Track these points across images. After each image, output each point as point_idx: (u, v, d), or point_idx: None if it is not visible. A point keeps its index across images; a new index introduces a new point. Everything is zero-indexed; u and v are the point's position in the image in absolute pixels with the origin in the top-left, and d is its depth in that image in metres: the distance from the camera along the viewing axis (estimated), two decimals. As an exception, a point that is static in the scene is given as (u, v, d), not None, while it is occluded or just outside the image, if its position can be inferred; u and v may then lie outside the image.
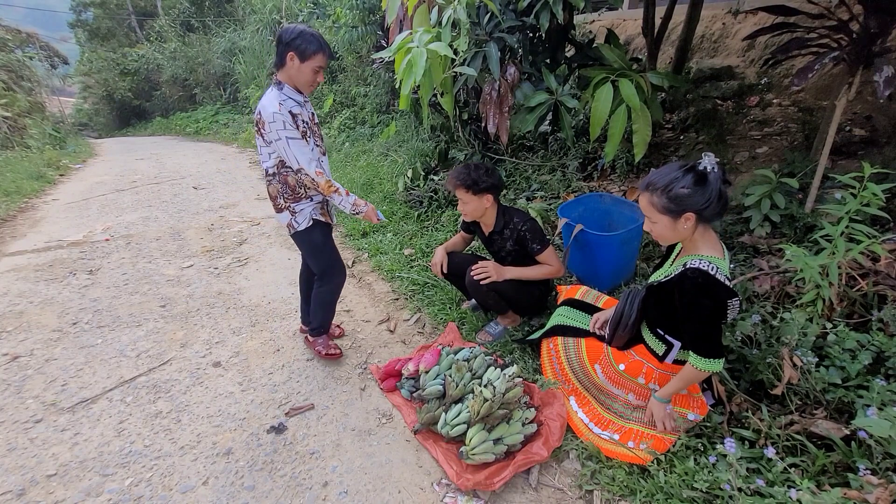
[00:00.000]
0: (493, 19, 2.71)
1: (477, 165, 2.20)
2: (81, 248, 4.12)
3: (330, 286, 2.28)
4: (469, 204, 2.22)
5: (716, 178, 1.42)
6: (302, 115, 1.93)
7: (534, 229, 2.22)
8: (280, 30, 1.89)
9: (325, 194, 1.99)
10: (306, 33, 1.84)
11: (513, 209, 2.32)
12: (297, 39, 1.83)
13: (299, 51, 1.83)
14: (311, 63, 1.87)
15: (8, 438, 2.00)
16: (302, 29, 1.85)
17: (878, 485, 1.30)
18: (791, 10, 2.41)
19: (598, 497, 1.59)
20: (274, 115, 1.83)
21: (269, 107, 1.85)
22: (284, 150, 1.89)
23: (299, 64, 1.86)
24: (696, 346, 1.54)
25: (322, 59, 1.89)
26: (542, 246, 2.21)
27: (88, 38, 19.86)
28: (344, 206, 2.05)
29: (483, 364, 2.05)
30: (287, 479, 1.76)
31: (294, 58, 1.84)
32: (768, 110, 3.57)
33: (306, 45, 1.83)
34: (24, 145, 8.76)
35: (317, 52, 1.85)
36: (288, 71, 1.88)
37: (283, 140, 1.86)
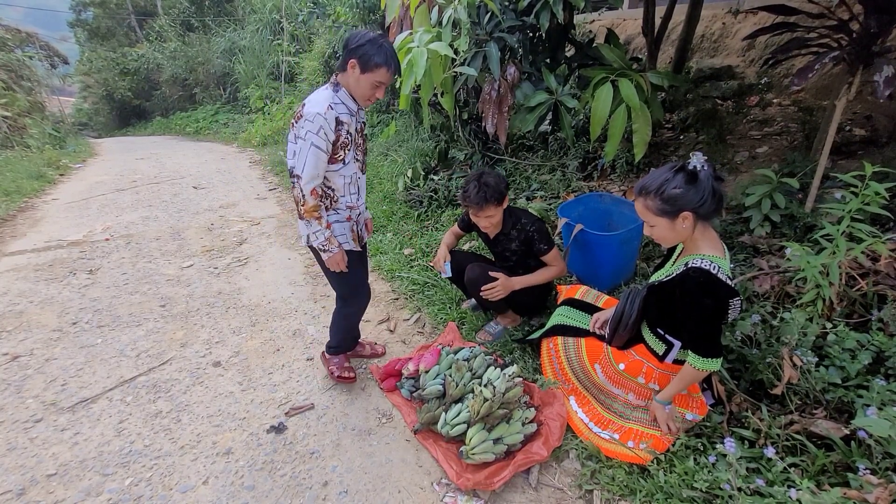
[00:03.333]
0: (493, 19, 2.72)
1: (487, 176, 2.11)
2: (81, 247, 4.12)
3: (352, 309, 2.13)
4: (496, 216, 2.17)
5: (707, 175, 1.42)
6: (349, 126, 1.79)
7: (541, 230, 2.21)
8: (349, 34, 1.74)
9: (303, 215, 1.78)
10: (375, 42, 1.67)
11: (518, 209, 2.31)
12: (363, 47, 1.67)
13: (362, 60, 1.68)
14: (372, 76, 1.70)
15: (8, 438, 2.00)
16: (372, 37, 1.68)
17: (877, 484, 1.31)
18: (791, 9, 2.41)
19: (598, 497, 1.59)
20: (316, 115, 1.67)
21: (315, 106, 1.69)
22: (299, 151, 1.71)
23: (359, 74, 1.70)
24: (695, 345, 1.54)
25: (385, 75, 1.71)
26: (549, 247, 2.20)
27: (88, 38, 19.85)
28: (314, 237, 1.81)
29: (483, 364, 2.04)
30: (287, 479, 1.76)
31: (355, 66, 1.69)
32: (768, 110, 3.57)
33: (370, 56, 1.66)
34: (23, 145, 8.76)
35: (380, 65, 1.68)
36: (347, 78, 1.74)
37: (306, 143, 1.69)
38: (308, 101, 1.73)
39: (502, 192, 2.11)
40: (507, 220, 2.26)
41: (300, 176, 1.72)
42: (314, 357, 2.46)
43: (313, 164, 1.71)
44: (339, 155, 1.80)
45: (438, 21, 2.61)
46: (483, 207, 2.11)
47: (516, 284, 2.21)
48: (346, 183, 1.87)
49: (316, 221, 1.79)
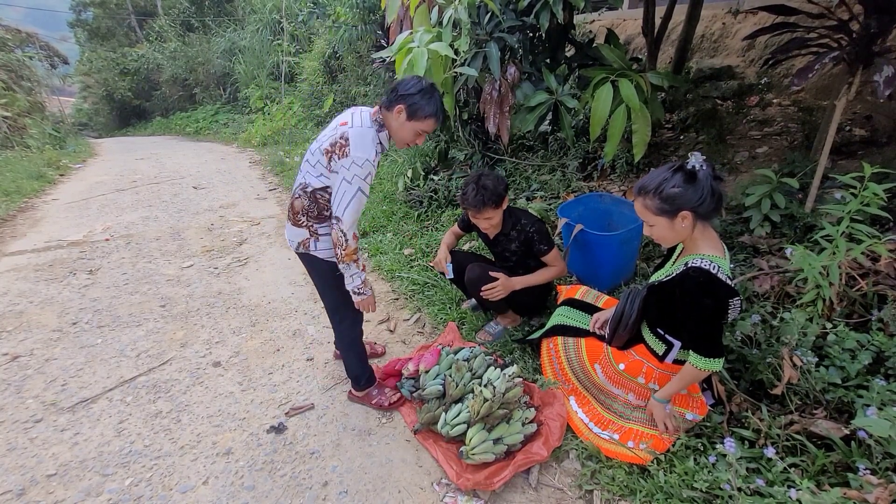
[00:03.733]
0: (493, 19, 2.72)
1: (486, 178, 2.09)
2: (81, 247, 4.12)
3: (349, 320, 1.98)
4: (495, 217, 2.16)
5: (705, 175, 1.43)
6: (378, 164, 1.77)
7: (541, 230, 2.20)
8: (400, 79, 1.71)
9: (343, 259, 1.72)
10: (426, 93, 1.65)
11: (518, 210, 2.30)
12: (414, 96, 1.64)
13: (411, 109, 1.65)
14: (419, 125, 1.68)
15: (8, 438, 2.00)
16: (424, 87, 1.66)
17: (877, 484, 1.31)
18: (791, 9, 2.41)
19: (598, 497, 1.59)
20: (366, 162, 1.61)
21: (364, 150, 1.61)
22: (343, 194, 1.63)
23: (405, 120, 1.67)
24: (696, 345, 1.54)
25: (431, 125, 1.70)
26: (549, 247, 2.20)
27: (88, 38, 19.85)
28: (350, 279, 1.79)
29: (483, 364, 2.04)
30: (287, 479, 1.76)
31: (402, 111, 1.66)
32: (768, 110, 3.58)
33: (421, 106, 1.64)
34: (23, 145, 8.76)
35: (429, 117, 1.67)
36: (391, 120, 1.69)
37: (352, 187, 1.62)
38: (352, 137, 1.62)
39: (501, 194, 2.10)
40: (507, 220, 2.25)
41: (342, 219, 1.65)
42: (314, 357, 2.46)
43: (356, 210, 1.66)
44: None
45: (438, 21, 2.62)
46: (481, 210, 2.10)
47: (517, 284, 2.21)
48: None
49: (354, 265, 1.76)
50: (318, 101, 8.81)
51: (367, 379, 2.07)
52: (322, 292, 1.98)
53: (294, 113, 9.30)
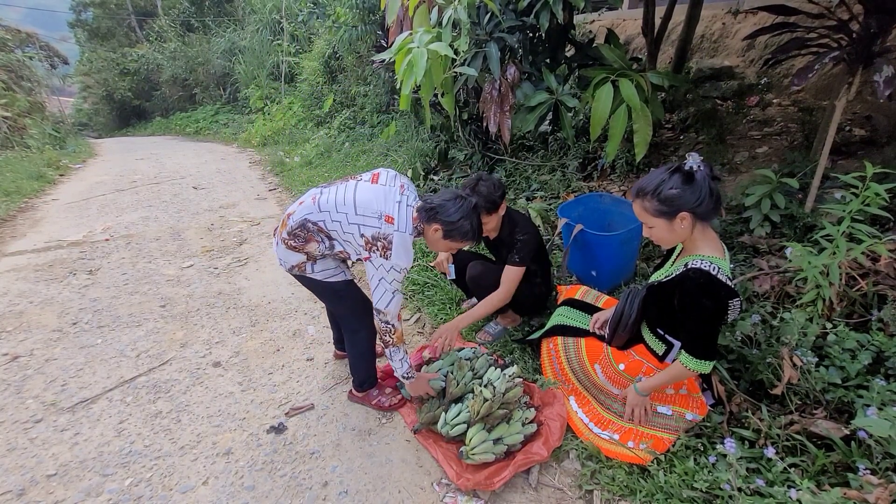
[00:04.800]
0: (493, 19, 2.71)
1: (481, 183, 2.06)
2: (81, 248, 4.12)
3: (365, 331, 1.96)
4: (490, 222, 2.14)
5: (703, 176, 1.42)
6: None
7: (526, 242, 2.13)
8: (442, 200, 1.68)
9: (391, 345, 1.78)
10: (466, 221, 1.66)
11: (519, 215, 2.24)
12: (452, 224, 1.66)
13: (448, 232, 1.68)
14: (453, 244, 1.73)
15: (8, 438, 2.00)
16: (463, 215, 1.66)
17: (877, 485, 1.30)
18: (791, 9, 2.41)
19: (598, 497, 1.59)
20: (403, 269, 1.66)
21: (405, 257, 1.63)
22: (384, 293, 1.68)
23: (440, 238, 1.71)
24: (690, 345, 1.54)
25: (463, 244, 1.75)
26: (520, 261, 2.12)
27: (88, 38, 19.85)
28: (399, 364, 1.84)
29: (485, 364, 2.05)
30: (287, 479, 1.76)
31: (439, 231, 1.68)
32: (768, 110, 3.57)
33: (458, 230, 1.67)
34: (23, 145, 8.76)
35: (465, 238, 1.71)
36: (427, 232, 1.72)
37: (391, 286, 1.67)
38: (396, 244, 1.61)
39: (495, 200, 2.06)
40: (506, 225, 2.23)
41: (385, 312, 1.72)
42: (314, 357, 2.46)
43: (398, 304, 1.74)
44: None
45: (438, 21, 2.61)
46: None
47: (462, 324, 2.18)
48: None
49: (403, 347, 1.83)
50: (318, 102, 8.81)
51: (371, 382, 2.09)
52: (332, 307, 2.03)
53: (294, 113, 9.30)
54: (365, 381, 2.07)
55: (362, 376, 2.06)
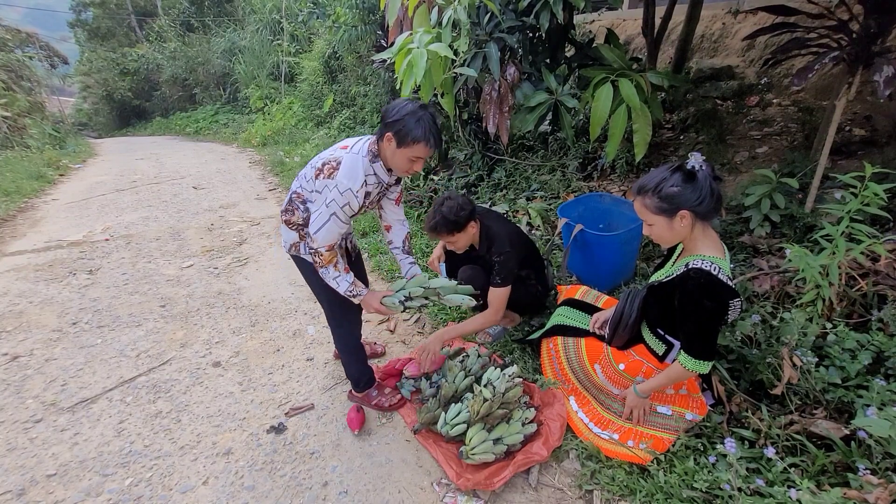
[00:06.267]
0: (493, 19, 2.72)
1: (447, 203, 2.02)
2: (81, 247, 4.12)
3: (347, 324, 1.98)
4: (459, 241, 2.10)
5: (704, 175, 1.43)
6: (374, 194, 1.75)
7: (503, 263, 2.07)
8: (388, 104, 1.63)
9: (323, 265, 1.72)
10: (413, 116, 1.56)
11: (496, 232, 2.13)
12: (400, 121, 1.56)
13: (399, 135, 1.57)
14: (410, 152, 1.59)
15: (8, 438, 2.00)
16: (411, 110, 1.57)
17: (877, 484, 1.31)
18: (791, 9, 2.41)
19: (598, 497, 1.59)
20: (347, 191, 1.60)
21: (351, 176, 1.60)
22: (319, 215, 1.64)
23: (395, 148, 1.60)
24: (689, 345, 1.54)
25: (423, 150, 1.59)
26: (502, 282, 2.07)
27: (88, 38, 19.85)
28: (335, 284, 1.76)
29: (477, 361, 2.05)
30: (287, 479, 1.76)
31: (391, 140, 1.59)
32: (768, 110, 3.57)
33: (408, 131, 1.55)
34: (23, 145, 8.76)
35: (418, 140, 1.56)
36: (384, 150, 1.64)
37: (327, 211, 1.62)
38: (345, 163, 1.62)
39: (458, 221, 2.00)
40: (483, 243, 2.16)
41: (315, 238, 1.67)
42: (314, 357, 2.46)
43: (329, 233, 1.66)
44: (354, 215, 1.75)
45: (438, 22, 2.61)
46: (438, 235, 2.06)
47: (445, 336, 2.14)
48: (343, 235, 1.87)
49: (333, 268, 1.74)
50: (318, 102, 8.81)
51: (366, 381, 2.07)
52: (317, 295, 1.97)
53: (294, 113, 9.30)
54: (360, 379, 2.05)
55: (356, 375, 2.05)
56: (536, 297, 2.41)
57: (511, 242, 2.11)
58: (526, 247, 2.26)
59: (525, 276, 2.27)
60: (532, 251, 2.32)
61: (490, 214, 2.25)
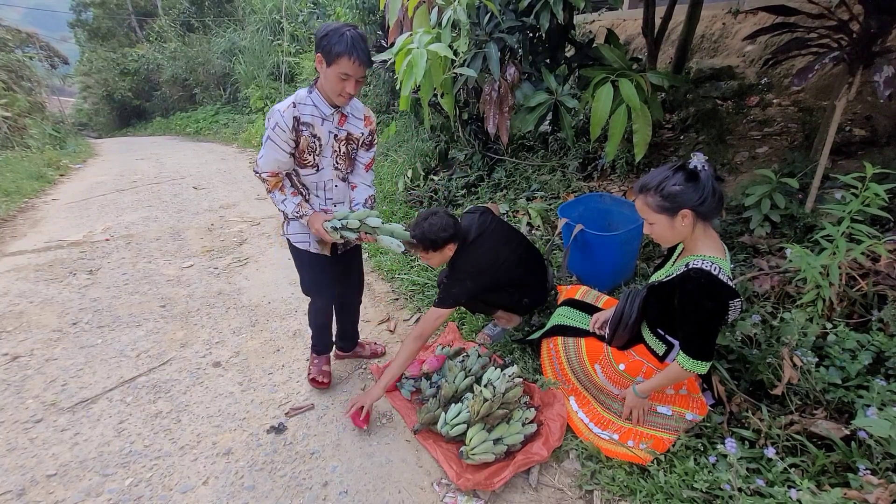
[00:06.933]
0: (493, 20, 2.72)
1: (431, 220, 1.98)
2: (81, 248, 4.12)
3: (315, 306, 2.11)
4: (433, 259, 2.08)
5: (707, 175, 1.44)
6: (316, 129, 1.70)
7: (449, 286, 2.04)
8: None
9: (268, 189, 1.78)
10: (337, 32, 1.54)
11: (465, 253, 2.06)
12: (323, 39, 1.55)
13: (324, 52, 1.55)
14: (336, 68, 1.56)
15: (8, 438, 2.00)
16: (334, 27, 1.55)
17: (878, 485, 1.31)
18: (791, 10, 2.41)
19: (598, 497, 1.59)
20: (274, 112, 1.64)
21: (279, 104, 1.67)
22: (263, 143, 1.71)
23: (325, 68, 1.58)
24: (687, 345, 1.54)
25: (348, 65, 1.55)
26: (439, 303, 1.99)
27: (88, 38, 19.85)
28: (282, 206, 1.80)
29: (477, 361, 2.05)
30: (287, 479, 1.76)
31: (321, 61, 1.58)
32: (768, 110, 3.57)
33: (331, 47, 1.53)
34: (24, 145, 8.76)
35: (341, 55, 1.53)
36: (321, 78, 1.64)
37: (265, 136, 1.68)
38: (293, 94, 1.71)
39: (436, 241, 1.97)
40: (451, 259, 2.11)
41: (258, 164, 1.73)
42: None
43: (267, 158, 1.70)
44: (308, 160, 1.75)
45: (438, 22, 2.61)
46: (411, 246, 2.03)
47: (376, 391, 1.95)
48: (319, 188, 1.85)
49: (279, 192, 1.78)
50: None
51: (320, 348, 2.24)
52: (298, 271, 2.07)
53: (294, 113, 9.27)
54: (317, 344, 2.23)
55: (315, 339, 2.22)
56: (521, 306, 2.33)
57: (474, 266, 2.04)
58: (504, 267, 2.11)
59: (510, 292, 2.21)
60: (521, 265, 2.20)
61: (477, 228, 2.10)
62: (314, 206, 1.87)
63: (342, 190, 1.91)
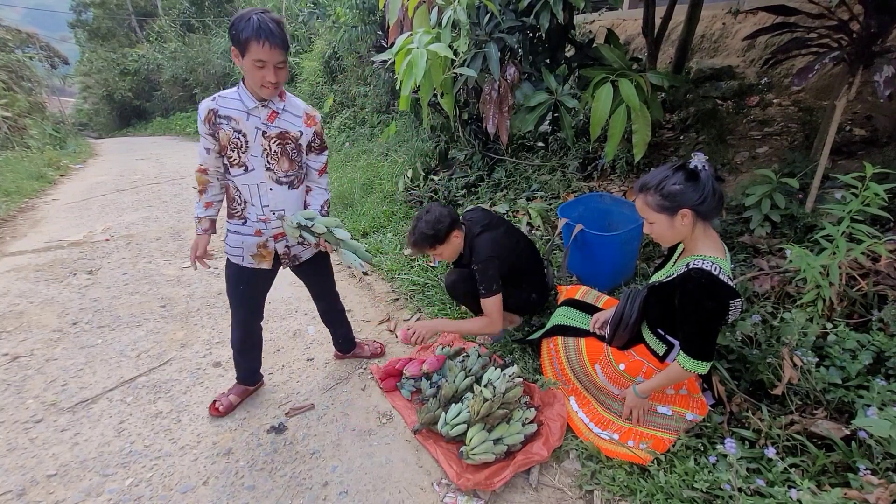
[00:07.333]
0: (492, 20, 2.71)
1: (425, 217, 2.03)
2: (81, 248, 4.12)
3: (235, 321, 1.95)
4: (444, 252, 2.10)
5: (707, 175, 1.44)
6: (239, 124, 1.60)
7: (483, 271, 2.04)
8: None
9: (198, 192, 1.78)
10: (243, 17, 1.44)
11: (479, 242, 2.10)
12: (232, 30, 1.46)
13: (236, 42, 1.46)
14: (249, 57, 1.46)
15: (8, 438, 2.00)
16: (241, 14, 1.45)
17: (878, 485, 1.31)
18: (791, 9, 2.41)
19: (599, 497, 1.59)
20: (200, 104, 1.62)
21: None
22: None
23: (242, 60, 1.50)
24: (687, 345, 1.54)
25: (260, 50, 1.43)
26: (487, 292, 2.03)
27: (88, 38, 19.88)
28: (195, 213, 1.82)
29: (477, 362, 2.05)
30: (287, 479, 1.76)
31: (237, 54, 1.50)
32: (768, 110, 3.57)
33: (240, 34, 1.43)
34: (24, 145, 8.77)
35: (248, 40, 1.42)
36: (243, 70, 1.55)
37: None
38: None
39: (437, 235, 2.01)
40: (467, 249, 2.15)
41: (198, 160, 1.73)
42: (314, 357, 2.46)
43: (200, 150, 1.69)
44: (234, 157, 1.64)
45: (438, 22, 2.61)
46: (423, 250, 2.06)
47: (438, 326, 2.12)
48: (252, 193, 1.70)
49: (199, 196, 1.78)
50: (319, 102, 8.81)
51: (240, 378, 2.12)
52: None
53: (294, 113, 9.28)
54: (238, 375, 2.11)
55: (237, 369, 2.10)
56: (531, 303, 2.36)
57: (493, 249, 2.07)
58: (516, 252, 2.18)
59: (516, 282, 2.22)
60: (527, 256, 2.27)
61: (482, 220, 2.18)
62: (252, 217, 1.73)
63: (280, 196, 1.73)
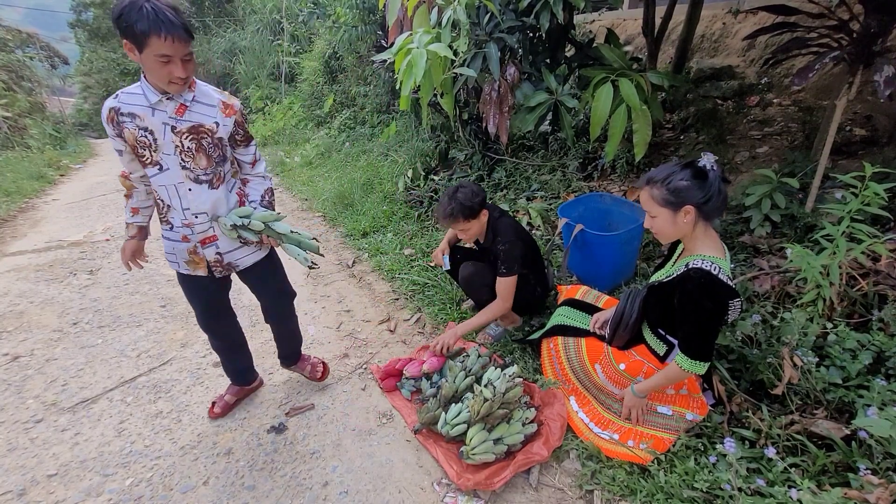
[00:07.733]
0: (492, 19, 2.72)
1: (462, 189, 2.09)
2: (82, 248, 4.12)
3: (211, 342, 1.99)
4: (471, 229, 2.15)
5: (715, 175, 1.45)
6: (144, 121, 1.45)
7: (508, 252, 2.11)
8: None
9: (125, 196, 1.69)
10: (133, 6, 1.26)
11: (502, 225, 2.20)
12: (119, 20, 1.27)
13: (129, 35, 1.28)
14: (149, 52, 1.29)
15: (8, 438, 2.00)
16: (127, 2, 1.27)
17: (878, 484, 1.31)
18: (791, 9, 2.41)
19: (599, 497, 1.59)
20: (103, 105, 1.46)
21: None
22: None
23: (139, 56, 1.31)
24: (686, 345, 1.54)
25: (162, 44, 1.28)
26: (507, 272, 2.11)
27: (88, 38, 19.86)
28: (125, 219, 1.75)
29: (477, 361, 2.05)
30: (287, 479, 1.76)
31: (131, 48, 1.31)
32: (768, 110, 3.57)
33: (133, 26, 1.26)
34: (24, 145, 8.77)
35: (147, 34, 1.26)
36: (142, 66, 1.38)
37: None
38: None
39: (473, 207, 2.07)
40: (489, 234, 2.22)
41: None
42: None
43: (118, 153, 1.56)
44: (146, 157, 1.50)
45: (438, 22, 2.61)
46: (455, 221, 2.10)
47: (460, 331, 2.17)
48: (171, 194, 1.56)
49: (125, 201, 1.71)
50: (319, 102, 8.81)
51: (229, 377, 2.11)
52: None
53: (294, 113, 9.30)
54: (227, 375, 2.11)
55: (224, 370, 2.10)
56: (536, 298, 2.41)
57: (517, 232, 2.19)
58: (528, 243, 2.29)
59: (525, 275, 2.27)
60: (533, 250, 2.34)
61: (496, 207, 2.30)
62: (176, 222, 1.62)
63: (200, 196, 1.59)
